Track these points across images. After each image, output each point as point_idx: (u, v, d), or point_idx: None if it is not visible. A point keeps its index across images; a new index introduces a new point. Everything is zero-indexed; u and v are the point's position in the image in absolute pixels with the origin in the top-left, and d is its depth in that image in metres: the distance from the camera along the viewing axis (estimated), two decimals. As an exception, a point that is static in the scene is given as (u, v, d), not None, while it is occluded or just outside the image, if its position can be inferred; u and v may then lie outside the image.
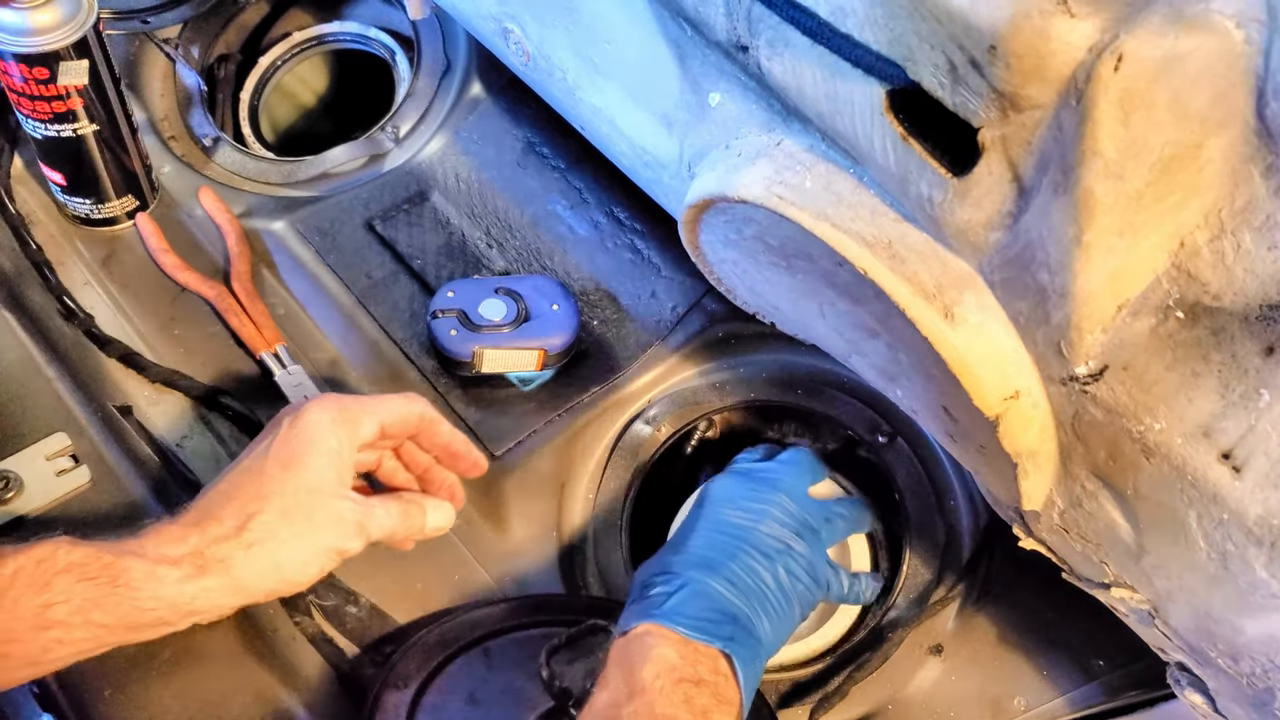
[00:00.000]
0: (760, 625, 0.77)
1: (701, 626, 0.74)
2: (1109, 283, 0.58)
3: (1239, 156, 0.53)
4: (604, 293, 1.05)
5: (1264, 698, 0.64)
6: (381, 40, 1.25)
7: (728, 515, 0.83)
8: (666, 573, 0.79)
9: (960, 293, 0.64)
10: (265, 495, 0.74)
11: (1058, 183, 0.55)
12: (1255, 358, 0.56)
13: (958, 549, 0.93)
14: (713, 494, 0.85)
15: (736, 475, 0.87)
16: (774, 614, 0.78)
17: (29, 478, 0.89)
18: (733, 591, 0.77)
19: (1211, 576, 0.62)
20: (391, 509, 0.80)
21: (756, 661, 0.76)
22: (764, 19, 0.65)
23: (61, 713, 0.80)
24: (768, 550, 0.80)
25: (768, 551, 0.80)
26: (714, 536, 0.81)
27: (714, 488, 0.86)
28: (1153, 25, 0.50)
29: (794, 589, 0.80)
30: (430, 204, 1.11)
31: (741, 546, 0.80)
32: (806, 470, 0.89)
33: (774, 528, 0.82)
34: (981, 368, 0.64)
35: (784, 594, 0.79)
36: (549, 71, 0.91)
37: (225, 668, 0.83)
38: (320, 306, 1.04)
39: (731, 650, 0.74)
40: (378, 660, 0.85)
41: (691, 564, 0.79)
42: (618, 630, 0.76)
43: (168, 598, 0.71)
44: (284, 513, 0.74)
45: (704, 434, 1.00)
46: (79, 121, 0.98)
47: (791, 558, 0.81)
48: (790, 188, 0.68)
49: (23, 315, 0.99)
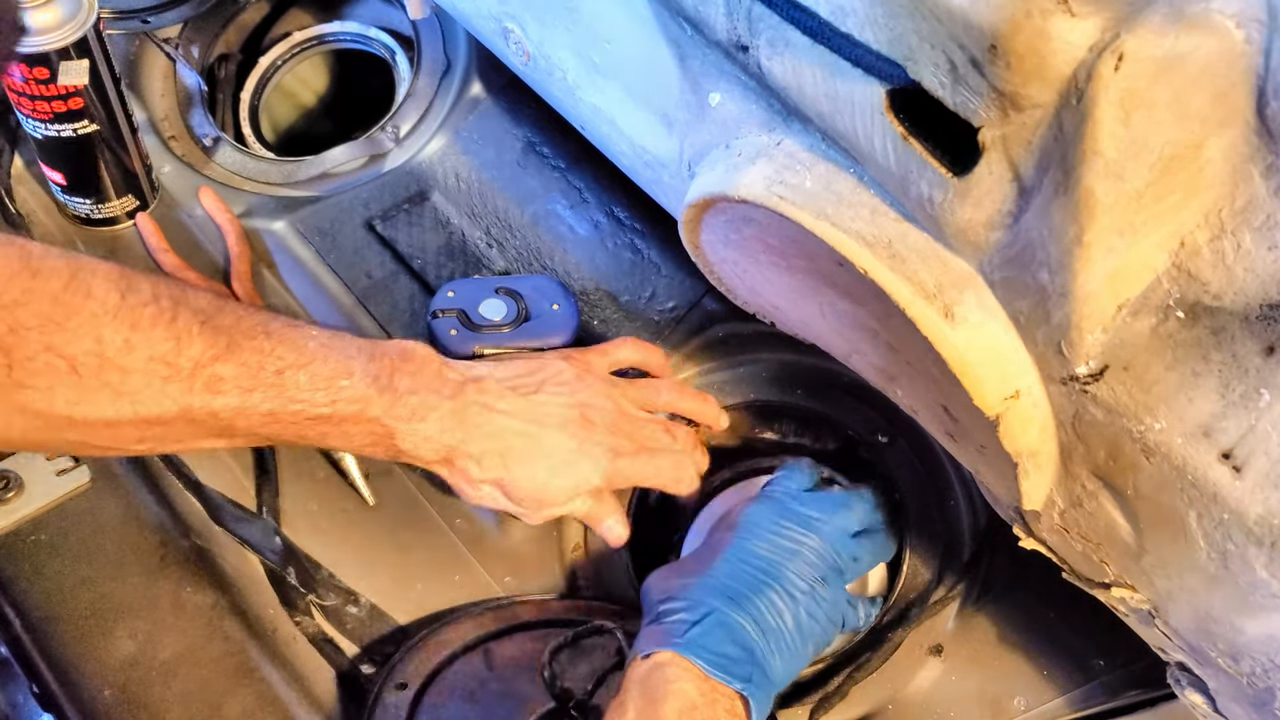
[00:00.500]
0: (774, 664, 0.77)
1: (724, 665, 0.74)
2: (1109, 282, 0.58)
3: (1239, 156, 0.53)
4: (604, 293, 1.05)
5: (1264, 697, 0.64)
6: (381, 40, 1.25)
7: (757, 548, 0.81)
8: (688, 598, 0.78)
9: (960, 292, 0.64)
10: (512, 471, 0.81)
11: (1058, 182, 0.55)
12: (1255, 357, 0.56)
13: (958, 549, 0.93)
14: (745, 522, 0.83)
15: (773, 505, 0.85)
16: (788, 654, 0.78)
17: (29, 478, 0.89)
18: (755, 629, 0.77)
19: (1211, 576, 0.62)
20: (589, 503, 0.85)
21: (767, 702, 0.76)
22: (764, 18, 0.65)
23: (61, 713, 0.80)
24: (793, 591, 0.80)
25: (793, 592, 0.79)
26: (741, 568, 0.80)
27: (748, 515, 0.84)
28: (1153, 25, 0.50)
29: (811, 631, 0.79)
30: (430, 204, 1.11)
31: (768, 583, 0.79)
32: (848, 517, 0.86)
33: (803, 569, 0.81)
34: (982, 367, 0.64)
35: (801, 636, 0.79)
36: (549, 71, 0.91)
37: (225, 668, 0.83)
38: (320, 306, 1.04)
39: (749, 693, 0.73)
40: (378, 660, 0.85)
41: (715, 592, 0.78)
42: (637, 652, 0.75)
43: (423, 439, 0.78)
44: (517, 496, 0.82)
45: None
46: (79, 121, 0.98)
47: (815, 601, 0.80)
48: (790, 187, 0.68)
49: (23, 315, 0.99)
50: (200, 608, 0.86)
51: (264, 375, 0.71)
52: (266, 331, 0.72)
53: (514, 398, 0.82)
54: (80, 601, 0.84)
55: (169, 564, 0.87)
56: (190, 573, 0.87)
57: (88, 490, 0.90)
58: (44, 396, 0.64)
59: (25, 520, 0.88)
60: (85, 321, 0.64)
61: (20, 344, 0.63)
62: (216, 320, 0.70)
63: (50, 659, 0.82)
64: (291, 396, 0.72)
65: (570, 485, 0.83)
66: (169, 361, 0.67)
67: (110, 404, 0.66)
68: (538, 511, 0.84)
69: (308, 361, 0.73)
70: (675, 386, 0.91)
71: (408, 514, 0.93)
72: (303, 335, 0.74)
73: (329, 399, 0.74)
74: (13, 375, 0.63)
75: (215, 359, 0.69)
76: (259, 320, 0.72)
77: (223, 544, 0.89)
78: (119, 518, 0.89)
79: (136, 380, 0.67)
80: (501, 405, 0.81)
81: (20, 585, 0.85)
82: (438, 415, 0.78)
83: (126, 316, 0.66)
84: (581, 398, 0.84)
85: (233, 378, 0.70)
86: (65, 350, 0.64)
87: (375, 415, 0.76)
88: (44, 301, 0.63)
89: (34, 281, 0.63)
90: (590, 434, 0.83)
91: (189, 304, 0.69)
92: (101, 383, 0.66)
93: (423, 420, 0.78)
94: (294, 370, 0.72)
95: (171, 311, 0.68)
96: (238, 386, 0.70)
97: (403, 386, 0.77)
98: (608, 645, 0.80)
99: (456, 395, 0.79)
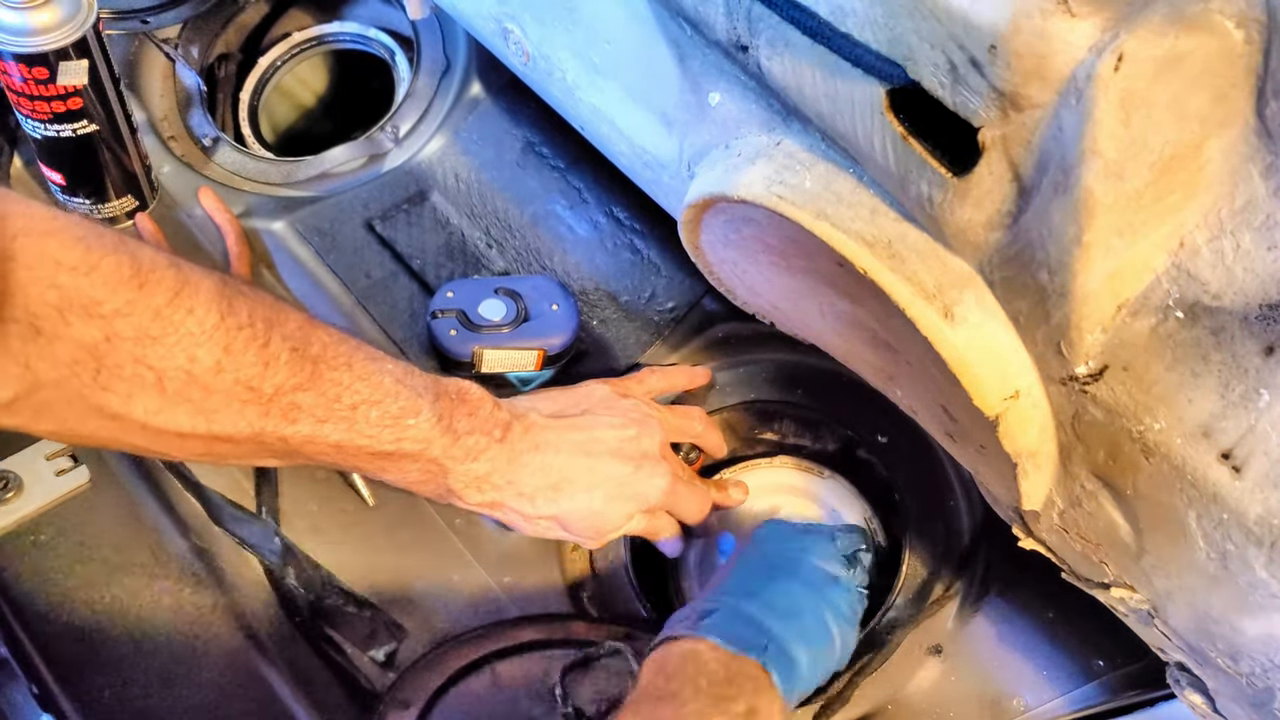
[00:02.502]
0: (796, 648, 0.77)
1: (738, 639, 0.75)
2: (1109, 282, 0.58)
3: (1239, 156, 0.53)
4: (604, 293, 1.05)
5: (1263, 698, 0.64)
6: (381, 40, 1.25)
7: (774, 551, 0.84)
8: (700, 603, 0.80)
9: (960, 292, 0.64)
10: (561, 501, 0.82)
11: (1058, 183, 0.55)
12: (1255, 357, 0.56)
13: (957, 549, 0.93)
14: (761, 535, 0.87)
15: (777, 520, 0.90)
16: (810, 639, 0.78)
17: (29, 478, 0.89)
18: (768, 613, 0.78)
19: (1211, 576, 0.62)
20: (642, 522, 0.86)
21: (795, 682, 0.76)
22: (764, 18, 0.65)
23: (61, 713, 0.80)
24: (809, 580, 0.81)
25: (810, 581, 0.81)
26: (754, 568, 0.83)
27: (762, 530, 0.88)
28: (1153, 25, 0.50)
29: (835, 621, 0.80)
30: (430, 204, 1.11)
31: (779, 573, 0.81)
32: (850, 538, 0.88)
33: (816, 561, 0.83)
34: (981, 367, 0.64)
35: (820, 622, 0.79)
36: (549, 71, 0.91)
37: (225, 669, 0.83)
38: (320, 306, 1.04)
39: (768, 663, 0.74)
40: (378, 660, 0.85)
41: (728, 591, 0.80)
42: (654, 644, 0.77)
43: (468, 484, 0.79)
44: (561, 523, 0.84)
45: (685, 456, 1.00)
46: (79, 121, 0.98)
47: (837, 590, 0.82)
48: (790, 187, 0.68)
49: (22, 315, 0.99)
50: (200, 608, 0.86)
51: (339, 408, 0.71)
52: (349, 364, 0.72)
53: (561, 431, 0.83)
54: (80, 601, 0.84)
55: (168, 564, 0.87)
56: (190, 573, 0.87)
57: (87, 490, 0.90)
58: (123, 402, 0.64)
59: (25, 520, 0.88)
60: (181, 340, 0.64)
61: (113, 352, 0.62)
62: (305, 348, 0.70)
63: (50, 659, 0.82)
64: (361, 431, 0.73)
65: (625, 511, 0.84)
66: (253, 386, 0.67)
67: (188, 418, 0.66)
68: (597, 539, 0.85)
69: (381, 399, 0.73)
70: (704, 417, 0.93)
71: (407, 514, 0.92)
72: (380, 370, 0.74)
73: (394, 437, 0.74)
74: (99, 379, 0.62)
75: (297, 388, 0.69)
76: (344, 351, 0.72)
77: (222, 544, 0.89)
78: (119, 518, 0.89)
79: (218, 400, 0.67)
80: (549, 438, 0.82)
81: (20, 585, 0.85)
82: (489, 456, 0.79)
83: (221, 339, 0.65)
84: (631, 420, 0.85)
85: (310, 407, 0.70)
86: (157, 364, 0.64)
87: (435, 455, 0.77)
88: (146, 315, 0.63)
89: (140, 293, 0.63)
90: (644, 458, 0.84)
91: (281, 328, 0.69)
92: (184, 398, 0.65)
93: (475, 460, 0.78)
94: (367, 406, 0.72)
95: (265, 336, 0.67)
96: (313, 416, 0.70)
97: (461, 428, 0.77)
98: (620, 668, 0.80)
99: (505, 435, 0.80)
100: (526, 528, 0.83)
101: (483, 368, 0.98)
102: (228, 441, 0.69)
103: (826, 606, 0.80)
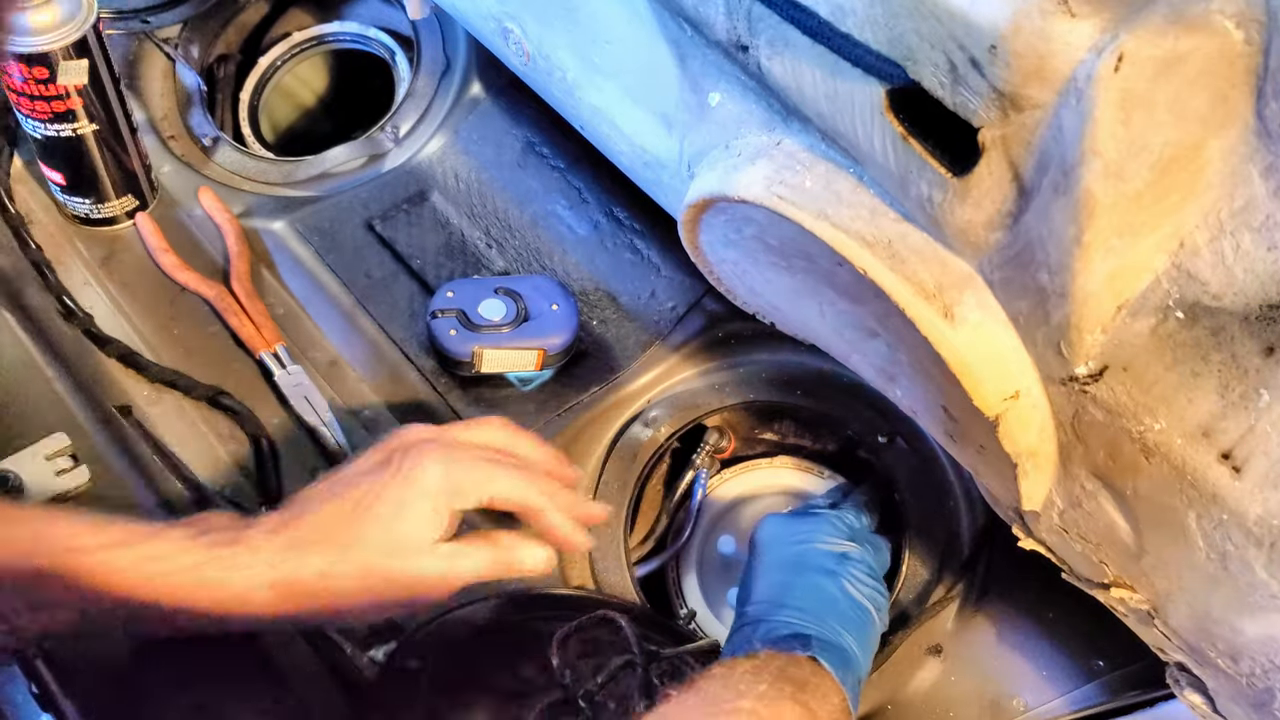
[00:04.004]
0: (843, 639, 0.77)
1: (781, 644, 0.75)
2: (1108, 283, 0.58)
3: (1238, 157, 0.53)
4: (604, 293, 1.05)
5: (1263, 698, 0.64)
6: (381, 40, 1.25)
7: (779, 553, 0.83)
8: (738, 625, 0.80)
9: (960, 293, 0.64)
10: (348, 545, 0.73)
11: (1058, 183, 0.55)
12: (1255, 358, 0.56)
13: (957, 549, 0.93)
14: (761, 539, 0.86)
15: (777, 516, 0.89)
16: (852, 624, 0.78)
17: (29, 478, 0.89)
18: (800, 615, 0.78)
19: (1211, 577, 0.62)
20: (480, 556, 0.75)
21: (849, 668, 0.76)
22: (764, 18, 0.65)
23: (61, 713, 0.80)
24: (826, 567, 0.81)
25: (827, 567, 0.81)
26: (770, 575, 0.82)
27: (760, 533, 0.86)
28: (1153, 25, 0.50)
29: (862, 593, 0.80)
30: (430, 204, 1.11)
31: (794, 572, 0.81)
32: (852, 517, 0.89)
33: (826, 543, 0.83)
34: (981, 368, 0.64)
35: (852, 603, 0.80)
36: (549, 71, 0.91)
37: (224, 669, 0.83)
38: (320, 306, 1.04)
39: (815, 653, 0.74)
40: (378, 660, 0.85)
41: (761, 609, 0.80)
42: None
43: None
44: (365, 569, 0.73)
45: (716, 445, 1.00)
46: (79, 121, 0.98)
47: (851, 564, 0.82)
48: (790, 187, 0.68)
49: (22, 315, 0.99)
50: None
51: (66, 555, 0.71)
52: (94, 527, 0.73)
53: (324, 489, 0.76)
54: (80, 601, 0.84)
55: (168, 564, 0.87)
56: (190, 573, 0.87)
57: (87, 490, 0.90)
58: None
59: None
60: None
61: None
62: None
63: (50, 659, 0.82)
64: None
65: (423, 514, 0.74)
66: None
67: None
68: (413, 566, 0.74)
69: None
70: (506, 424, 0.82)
71: (407, 514, 0.92)
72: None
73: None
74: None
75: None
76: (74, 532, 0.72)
77: (222, 544, 0.89)
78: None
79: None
80: (314, 503, 0.76)
81: (20, 585, 0.85)
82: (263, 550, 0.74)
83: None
84: (389, 443, 0.78)
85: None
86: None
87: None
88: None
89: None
90: (403, 458, 0.75)
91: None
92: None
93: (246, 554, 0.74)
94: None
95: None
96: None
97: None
98: (615, 640, 0.80)
99: (279, 529, 0.75)
100: (361, 603, 0.76)
101: (483, 368, 0.98)
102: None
103: (849, 582, 0.80)
